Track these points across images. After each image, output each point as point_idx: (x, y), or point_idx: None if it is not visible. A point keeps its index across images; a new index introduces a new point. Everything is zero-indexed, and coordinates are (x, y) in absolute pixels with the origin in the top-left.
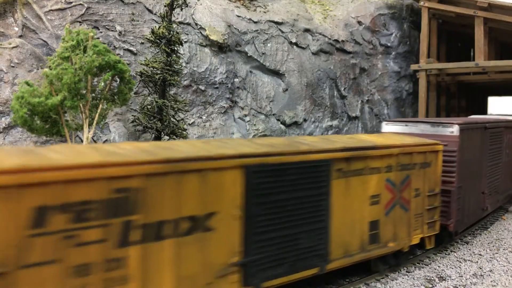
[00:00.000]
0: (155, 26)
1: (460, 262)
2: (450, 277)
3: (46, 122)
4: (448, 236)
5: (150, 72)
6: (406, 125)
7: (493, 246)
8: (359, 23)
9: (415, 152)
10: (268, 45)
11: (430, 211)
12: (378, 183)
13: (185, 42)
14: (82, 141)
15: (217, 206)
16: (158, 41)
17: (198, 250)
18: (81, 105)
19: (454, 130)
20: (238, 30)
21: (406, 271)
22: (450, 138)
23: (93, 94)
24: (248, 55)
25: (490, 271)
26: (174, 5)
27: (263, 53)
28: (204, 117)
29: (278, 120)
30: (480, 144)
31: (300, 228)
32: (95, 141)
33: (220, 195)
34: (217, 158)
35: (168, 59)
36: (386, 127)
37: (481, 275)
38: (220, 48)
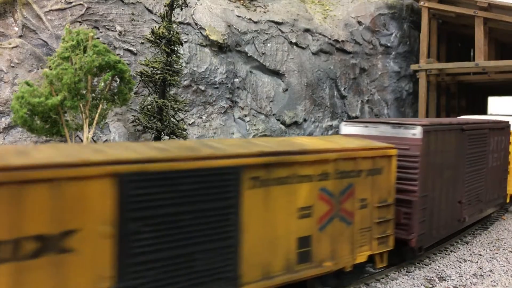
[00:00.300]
0: (155, 26)
1: (460, 262)
2: (450, 277)
3: (46, 122)
4: (410, 252)
5: (150, 72)
6: (366, 127)
7: (493, 246)
8: (359, 23)
9: (360, 157)
10: (268, 45)
11: (381, 225)
12: (309, 193)
13: (185, 42)
14: (82, 141)
15: (77, 223)
16: (158, 41)
17: (51, 276)
18: (81, 105)
19: (417, 132)
20: (238, 30)
21: (406, 271)
22: (412, 141)
23: (93, 94)
24: (248, 55)
25: (490, 271)
26: (174, 5)
27: (263, 53)
28: (204, 117)
29: (278, 120)
30: (456, 148)
31: (198, 246)
32: (95, 141)
33: (82, 210)
34: (76, 165)
35: (168, 59)
36: (345, 128)
37: (481, 275)
38: (220, 48)
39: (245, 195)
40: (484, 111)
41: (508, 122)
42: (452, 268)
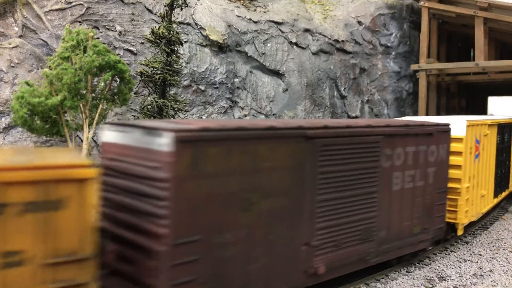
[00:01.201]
0: (155, 26)
1: (460, 262)
2: (450, 277)
3: (46, 122)
4: None
5: (150, 72)
6: (123, 132)
7: (493, 246)
8: (359, 23)
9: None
10: (268, 45)
11: None
12: None
13: (185, 42)
14: (82, 141)
15: None
16: (158, 41)
17: None
18: (81, 105)
19: (165, 142)
20: (238, 30)
21: (406, 271)
22: (160, 156)
23: (93, 94)
24: (248, 55)
25: (490, 271)
26: (174, 5)
27: (263, 53)
28: (204, 117)
29: None
30: (290, 165)
31: None
32: (95, 141)
33: None
34: None
35: (168, 59)
36: (108, 134)
37: (481, 275)
38: (220, 48)
39: None
40: (484, 111)
41: (447, 125)
42: (452, 268)
